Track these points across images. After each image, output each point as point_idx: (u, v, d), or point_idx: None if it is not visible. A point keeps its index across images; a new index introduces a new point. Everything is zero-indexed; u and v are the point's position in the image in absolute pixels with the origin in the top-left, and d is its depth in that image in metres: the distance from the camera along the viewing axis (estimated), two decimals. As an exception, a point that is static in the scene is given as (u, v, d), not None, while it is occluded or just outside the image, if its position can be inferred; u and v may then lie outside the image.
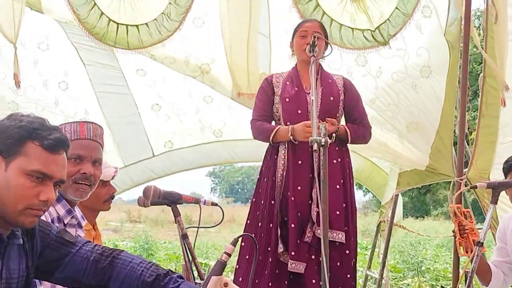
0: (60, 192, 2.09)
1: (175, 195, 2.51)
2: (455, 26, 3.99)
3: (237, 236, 1.71)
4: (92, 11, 3.66)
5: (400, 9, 3.89)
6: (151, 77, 4.54)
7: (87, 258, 1.76)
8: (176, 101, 4.71)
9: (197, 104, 4.70)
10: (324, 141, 2.63)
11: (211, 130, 4.84)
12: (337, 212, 3.28)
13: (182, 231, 2.47)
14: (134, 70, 4.50)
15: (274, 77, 3.55)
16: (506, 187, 2.76)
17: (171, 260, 8.78)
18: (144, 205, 2.59)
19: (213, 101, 4.64)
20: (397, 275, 8.11)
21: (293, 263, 3.22)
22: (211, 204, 2.59)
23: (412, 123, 4.27)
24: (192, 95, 4.65)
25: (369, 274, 5.39)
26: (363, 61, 4.10)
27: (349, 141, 3.42)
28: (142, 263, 1.74)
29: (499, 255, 3.11)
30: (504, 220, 3.15)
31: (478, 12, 10.15)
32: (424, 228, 14.85)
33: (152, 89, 4.63)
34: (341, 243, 3.28)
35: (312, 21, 3.53)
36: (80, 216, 2.40)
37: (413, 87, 4.16)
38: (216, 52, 4.08)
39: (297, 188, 3.28)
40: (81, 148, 2.24)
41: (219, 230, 14.66)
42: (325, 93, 3.37)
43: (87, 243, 1.81)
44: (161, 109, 4.71)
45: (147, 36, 3.77)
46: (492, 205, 2.69)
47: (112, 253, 1.77)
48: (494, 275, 3.03)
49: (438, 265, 8.89)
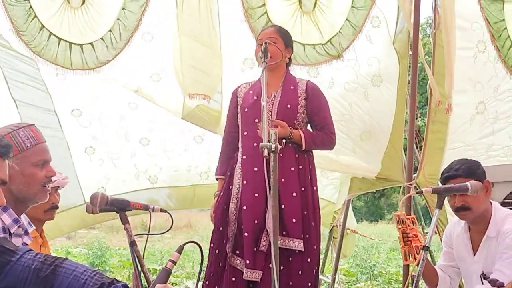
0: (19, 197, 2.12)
1: (124, 202, 2.49)
2: (403, 35, 4.09)
3: (183, 244, 1.70)
4: (32, 22, 3.55)
5: (350, 21, 3.94)
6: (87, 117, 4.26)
7: (28, 267, 1.71)
8: (111, 144, 4.41)
9: (134, 147, 4.45)
10: (275, 147, 2.64)
11: (146, 176, 4.55)
12: (293, 220, 3.24)
13: (130, 238, 2.44)
14: (69, 110, 4.21)
15: (240, 88, 3.53)
16: (451, 192, 2.82)
17: (125, 267, 8.65)
18: (93, 212, 2.56)
19: (150, 143, 4.44)
20: (350, 279, 8.20)
21: (249, 271, 3.20)
22: (160, 210, 2.57)
23: (365, 132, 4.33)
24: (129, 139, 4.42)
25: (322, 279, 5.43)
26: (315, 72, 4.12)
27: (303, 147, 3.34)
28: (86, 272, 1.71)
29: (445, 260, 3.16)
30: (450, 225, 3.20)
31: (429, 20, 10.42)
32: (378, 232, 15.06)
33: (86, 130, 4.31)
34: (301, 251, 3.24)
35: (269, 28, 3.52)
36: (26, 223, 2.34)
37: (365, 96, 4.23)
38: (165, 66, 3.98)
39: (255, 195, 3.25)
40: (43, 152, 2.22)
41: (174, 235, 14.52)
42: (282, 100, 3.34)
43: (28, 251, 1.76)
44: (95, 152, 4.37)
45: (92, 57, 3.69)
46: (437, 209, 2.74)
47: (55, 261, 1.73)
48: (440, 279, 3.07)
49: (390, 268, 9.03)
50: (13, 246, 1.77)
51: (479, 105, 4.26)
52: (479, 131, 4.29)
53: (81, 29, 3.65)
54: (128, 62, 3.90)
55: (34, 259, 1.73)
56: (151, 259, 9.43)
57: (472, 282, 2.98)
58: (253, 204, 3.25)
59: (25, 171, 2.11)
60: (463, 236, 3.03)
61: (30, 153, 2.13)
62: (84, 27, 3.66)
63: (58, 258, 1.77)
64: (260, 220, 3.24)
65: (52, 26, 3.61)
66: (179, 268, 8.62)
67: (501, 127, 4.32)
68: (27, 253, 1.75)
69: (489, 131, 4.31)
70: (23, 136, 2.17)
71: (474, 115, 4.28)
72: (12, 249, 1.75)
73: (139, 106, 4.28)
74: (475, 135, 4.28)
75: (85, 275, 1.70)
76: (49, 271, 1.71)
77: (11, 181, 2.04)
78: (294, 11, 3.94)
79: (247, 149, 3.33)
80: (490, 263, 2.88)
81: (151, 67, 3.99)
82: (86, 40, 3.68)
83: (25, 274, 1.71)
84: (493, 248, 2.88)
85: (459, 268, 3.11)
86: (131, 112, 4.32)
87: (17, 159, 2.10)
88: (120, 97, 4.22)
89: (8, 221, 2.18)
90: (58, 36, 3.63)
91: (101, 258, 8.98)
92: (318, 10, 3.95)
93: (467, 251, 3.01)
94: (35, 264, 1.72)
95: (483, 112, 4.27)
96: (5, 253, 1.73)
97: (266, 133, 2.71)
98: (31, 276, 1.71)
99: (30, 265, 1.72)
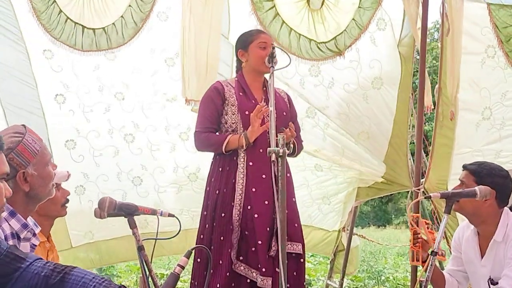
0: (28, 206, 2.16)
1: (131, 207, 2.49)
2: (409, 39, 4.09)
3: (191, 248, 1.70)
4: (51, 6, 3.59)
5: (356, 21, 3.96)
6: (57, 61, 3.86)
7: (38, 274, 1.73)
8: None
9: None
10: (282, 151, 2.65)
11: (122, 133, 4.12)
12: (295, 224, 3.31)
13: (138, 243, 2.45)
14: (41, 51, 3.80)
15: (224, 85, 3.43)
16: (459, 197, 2.81)
17: (132, 272, 8.64)
18: (100, 217, 2.57)
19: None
20: (357, 284, 8.16)
21: (264, 279, 3.18)
22: (168, 215, 2.57)
23: (363, 132, 4.33)
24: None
25: (329, 284, 5.41)
26: (316, 71, 4.14)
27: (296, 151, 3.45)
28: (95, 279, 1.72)
29: (454, 264, 3.17)
30: (459, 229, 3.20)
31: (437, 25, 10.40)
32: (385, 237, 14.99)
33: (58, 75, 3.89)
34: (298, 253, 3.31)
35: (266, 33, 3.55)
36: (32, 223, 2.35)
37: (364, 98, 4.23)
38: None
39: (265, 202, 3.24)
40: (46, 149, 2.23)
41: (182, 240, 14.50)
42: (277, 107, 3.33)
43: (38, 259, 1.78)
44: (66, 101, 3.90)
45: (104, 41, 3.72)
46: (445, 215, 2.74)
47: (64, 269, 1.75)
48: (448, 284, 3.08)
49: (398, 273, 8.98)
50: (23, 253, 1.79)
51: (485, 111, 4.25)
52: (485, 137, 4.28)
53: (95, 15, 3.68)
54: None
55: (44, 266, 1.75)
56: (159, 263, 9.42)
57: (480, 287, 2.97)
58: (264, 211, 3.24)
59: (43, 173, 2.16)
60: (472, 240, 3.03)
61: (41, 155, 2.16)
62: (99, 13, 3.69)
63: (68, 266, 1.79)
64: (271, 227, 3.24)
65: (69, 11, 3.64)
66: (187, 273, 8.60)
67: (508, 134, 4.31)
68: (37, 261, 1.77)
69: (496, 138, 4.30)
70: (31, 141, 2.18)
71: (480, 120, 4.27)
72: (22, 256, 1.76)
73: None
74: (481, 140, 4.28)
75: (94, 282, 1.71)
76: (58, 279, 1.72)
77: (31, 187, 2.11)
78: (302, 7, 3.96)
79: (252, 155, 3.30)
80: (497, 267, 2.88)
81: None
82: (99, 25, 3.70)
83: (35, 281, 1.72)
84: (501, 252, 2.88)
85: (467, 272, 3.11)
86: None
87: (34, 164, 2.13)
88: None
89: (17, 227, 2.20)
90: (74, 20, 3.65)
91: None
92: (326, 8, 3.98)
93: (475, 255, 3.01)
94: (45, 272, 1.73)
95: (489, 118, 4.26)
96: (16, 259, 1.75)
97: (273, 138, 2.73)
98: (41, 283, 1.72)
99: (40, 272, 1.73)
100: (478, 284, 3.01)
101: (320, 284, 6.97)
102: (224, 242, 3.25)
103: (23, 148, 2.11)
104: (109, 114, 4.00)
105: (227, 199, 3.30)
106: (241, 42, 3.45)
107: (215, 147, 3.35)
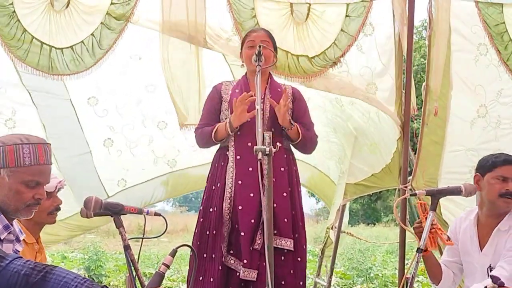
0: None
1: (118, 206, 2.48)
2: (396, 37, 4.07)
3: (176, 247, 1.70)
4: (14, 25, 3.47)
5: (345, 31, 3.89)
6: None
7: (18, 272, 1.72)
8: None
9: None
10: (269, 150, 2.66)
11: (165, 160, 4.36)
12: (285, 220, 3.31)
13: (124, 242, 2.44)
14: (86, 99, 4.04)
15: (223, 84, 3.56)
16: (444, 194, 2.85)
17: (121, 271, 8.63)
18: (87, 216, 2.57)
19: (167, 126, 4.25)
20: (346, 282, 8.20)
21: (246, 271, 3.23)
22: (154, 214, 2.57)
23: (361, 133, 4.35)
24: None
25: (318, 282, 5.43)
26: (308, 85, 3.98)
27: (300, 137, 3.38)
28: (76, 279, 1.72)
29: (449, 255, 3.21)
30: (456, 221, 3.26)
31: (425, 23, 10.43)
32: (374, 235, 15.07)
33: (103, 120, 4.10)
34: (290, 250, 3.30)
35: (259, 31, 3.55)
36: (18, 230, 2.34)
37: None
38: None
39: (250, 195, 3.27)
40: (40, 174, 2.18)
41: (171, 239, 14.50)
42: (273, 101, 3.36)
43: (18, 258, 1.77)
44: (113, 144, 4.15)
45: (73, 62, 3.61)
46: (431, 212, 2.76)
47: (45, 268, 1.74)
48: (444, 275, 3.12)
49: (386, 271, 9.04)
50: (3, 252, 1.78)
51: (480, 109, 4.16)
52: (480, 136, 4.18)
53: (62, 32, 3.57)
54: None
55: (24, 265, 1.74)
56: (147, 263, 9.41)
57: (475, 278, 3.00)
58: (249, 203, 3.27)
59: (13, 186, 2.10)
60: (470, 230, 3.09)
61: (24, 170, 2.11)
62: (65, 31, 3.57)
63: (49, 265, 1.78)
64: (256, 220, 3.26)
65: (34, 30, 3.52)
66: (176, 272, 8.60)
67: (504, 133, 4.22)
68: (16, 259, 1.76)
69: (492, 136, 4.20)
70: (26, 152, 2.14)
71: (475, 118, 4.18)
72: (2, 255, 1.75)
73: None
74: (476, 139, 4.18)
75: (75, 282, 1.71)
76: (39, 277, 1.71)
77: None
78: (286, 22, 3.86)
79: (241, 148, 3.34)
80: (498, 256, 2.94)
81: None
82: (67, 44, 3.58)
83: (14, 279, 1.71)
84: (502, 241, 2.95)
85: (462, 264, 3.15)
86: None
87: (11, 171, 2.09)
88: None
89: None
90: (41, 40, 3.53)
91: (97, 262, 8.95)
92: (311, 21, 3.87)
93: (473, 245, 3.07)
94: (25, 270, 1.72)
95: (485, 116, 4.17)
96: None
97: (260, 136, 2.73)
98: (21, 281, 1.71)
99: (20, 271, 1.72)
100: (472, 275, 3.05)
101: (309, 282, 6.98)
102: (217, 236, 3.32)
103: (12, 151, 2.09)
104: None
105: (219, 193, 3.37)
106: (241, 43, 3.54)
107: (207, 138, 3.43)
